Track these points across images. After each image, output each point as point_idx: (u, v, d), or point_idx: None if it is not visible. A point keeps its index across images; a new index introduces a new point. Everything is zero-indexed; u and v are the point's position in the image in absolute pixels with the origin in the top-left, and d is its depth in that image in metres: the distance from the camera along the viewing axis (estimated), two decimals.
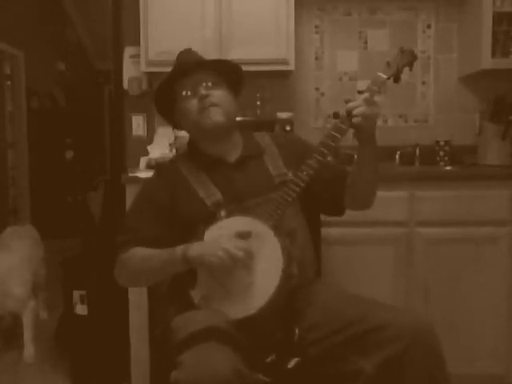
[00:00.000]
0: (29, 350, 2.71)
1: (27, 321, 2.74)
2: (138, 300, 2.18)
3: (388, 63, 1.41)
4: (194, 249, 1.30)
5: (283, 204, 1.34)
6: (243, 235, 1.30)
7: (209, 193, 1.44)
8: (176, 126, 1.59)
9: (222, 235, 1.31)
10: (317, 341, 1.34)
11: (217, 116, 1.44)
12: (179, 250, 1.31)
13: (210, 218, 1.39)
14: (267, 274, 1.30)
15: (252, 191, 1.43)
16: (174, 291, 1.46)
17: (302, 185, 1.34)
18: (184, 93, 1.47)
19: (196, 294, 1.33)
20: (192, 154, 1.55)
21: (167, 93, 1.51)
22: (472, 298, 2.19)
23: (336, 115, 1.39)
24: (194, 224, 1.40)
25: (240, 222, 1.35)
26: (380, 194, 1.53)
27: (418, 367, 1.23)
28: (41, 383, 2.47)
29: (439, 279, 2.19)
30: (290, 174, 1.45)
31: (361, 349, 1.28)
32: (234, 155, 1.51)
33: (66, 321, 2.59)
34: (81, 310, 2.37)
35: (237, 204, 1.41)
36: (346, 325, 1.31)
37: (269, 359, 1.31)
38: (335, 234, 2.04)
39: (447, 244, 2.19)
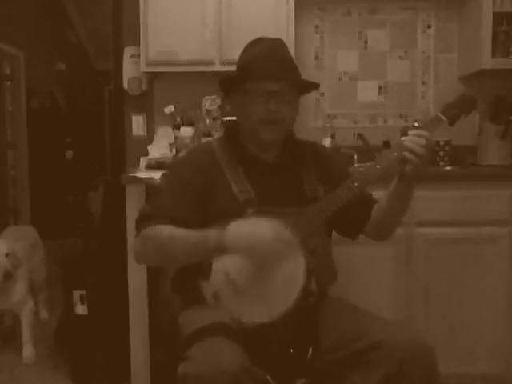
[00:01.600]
0: (28, 351, 2.70)
1: (26, 321, 2.74)
2: (137, 300, 2.17)
3: (450, 105, 1.37)
4: (230, 237, 1.22)
5: (315, 221, 1.31)
6: None
7: (242, 189, 1.39)
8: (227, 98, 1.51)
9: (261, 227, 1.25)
10: (319, 355, 1.34)
11: (276, 134, 1.40)
12: (213, 235, 1.24)
13: (239, 214, 1.32)
14: (286, 287, 1.26)
15: (283, 199, 1.39)
16: (183, 279, 1.42)
17: (340, 205, 1.30)
18: (255, 94, 1.37)
19: (207, 287, 1.28)
20: (230, 144, 1.49)
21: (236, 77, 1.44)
22: (472, 297, 2.19)
23: (387, 144, 1.37)
24: (221, 215, 1.33)
25: (270, 225, 1.28)
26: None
27: None
28: (40, 383, 2.47)
29: (439, 279, 2.19)
30: (322, 191, 1.43)
31: (358, 366, 1.28)
32: (271, 156, 1.47)
33: (66, 321, 2.59)
34: (81, 310, 2.37)
35: (267, 208, 1.35)
36: (345, 341, 1.31)
37: (277, 373, 1.29)
38: (335, 234, 2.03)
39: (447, 244, 2.18)
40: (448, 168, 2.50)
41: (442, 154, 2.63)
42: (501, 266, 2.19)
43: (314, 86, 1.48)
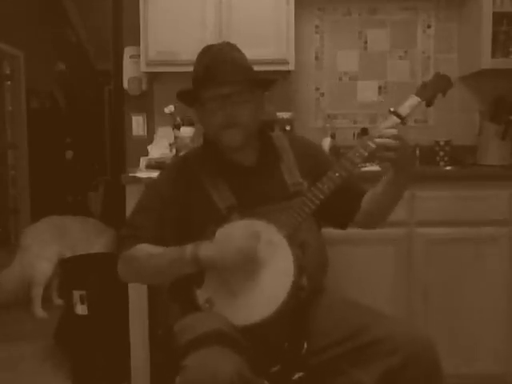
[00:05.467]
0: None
1: None
2: (138, 300, 2.17)
3: (424, 86, 1.38)
4: (205, 250, 1.27)
5: (300, 215, 1.31)
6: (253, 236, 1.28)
7: (223, 196, 1.40)
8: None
9: (233, 235, 1.28)
10: (318, 351, 1.34)
11: (237, 137, 1.40)
12: (189, 249, 1.28)
13: (222, 221, 1.35)
14: (276, 284, 1.28)
15: (266, 198, 1.40)
16: (178, 288, 1.43)
17: (322, 198, 1.31)
18: (210, 101, 1.39)
19: (201, 295, 1.31)
20: (207, 153, 1.50)
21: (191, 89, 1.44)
22: (472, 297, 2.19)
23: (364, 131, 1.36)
24: (203, 226, 1.36)
25: (254, 226, 1.31)
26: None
27: (415, 381, 1.23)
28: (41, 383, 2.47)
29: (439, 279, 2.19)
30: (306, 184, 1.43)
31: (359, 361, 1.28)
32: (250, 159, 1.47)
33: (66, 321, 2.59)
34: (81, 310, 2.37)
35: (250, 209, 1.36)
36: (346, 337, 1.31)
37: (274, 369, 1.30)
38: (336, 234, 2.03)
39: (447, 244, 2.19)
40: (448, 168, 2.50)
41: (441, 153, 2.64)
42: (501, 266, 2.19)
43: (271, 82, 1.47)
